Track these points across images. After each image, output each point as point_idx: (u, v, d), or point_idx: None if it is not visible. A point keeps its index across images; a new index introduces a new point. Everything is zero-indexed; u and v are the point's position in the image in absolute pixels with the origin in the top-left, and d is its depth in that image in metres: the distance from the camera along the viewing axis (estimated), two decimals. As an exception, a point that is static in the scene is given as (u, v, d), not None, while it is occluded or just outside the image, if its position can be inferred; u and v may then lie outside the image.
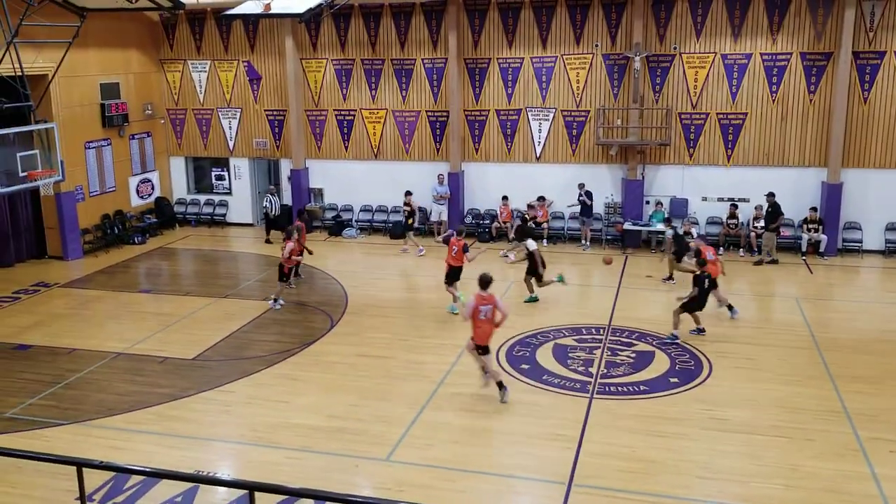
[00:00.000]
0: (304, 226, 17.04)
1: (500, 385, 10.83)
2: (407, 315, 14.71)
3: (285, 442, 9.96)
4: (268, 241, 20.44)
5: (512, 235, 18.97)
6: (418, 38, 20.52)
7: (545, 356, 12.51)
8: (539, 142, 20.12)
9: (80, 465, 4.69)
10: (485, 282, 10.64)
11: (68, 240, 19.07)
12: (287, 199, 22.17)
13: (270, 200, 20.61)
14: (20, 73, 15.06)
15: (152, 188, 22.45)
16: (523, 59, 19.84)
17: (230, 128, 22.42)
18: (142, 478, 8.82)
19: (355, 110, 21.33)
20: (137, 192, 21.88)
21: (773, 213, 17.92)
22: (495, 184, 20.52)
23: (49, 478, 8.82)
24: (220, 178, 23.06)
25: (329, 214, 21.93)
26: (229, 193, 22.94)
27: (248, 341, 13.50)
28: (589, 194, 19.24)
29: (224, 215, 22.86)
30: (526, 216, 17.99)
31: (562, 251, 19.20)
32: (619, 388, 11.31)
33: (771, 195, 17.99)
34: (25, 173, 15.13)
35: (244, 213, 22.82)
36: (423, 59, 20.55)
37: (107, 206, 20.62)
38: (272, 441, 9.99)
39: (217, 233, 22.00)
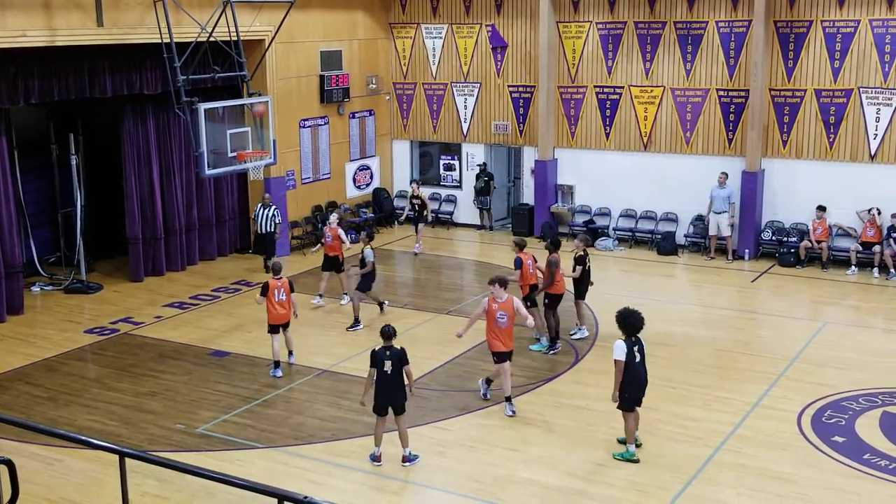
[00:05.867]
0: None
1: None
2: (676, 356, 14.40)
3: (512, 501, 10.11)
4: (265, 268, 18.87)
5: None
6: (711, -5, 20.07)
7: (869, 428, 11.84)
8: (875, 134, 18.87)
9: (280, 497, 5.03)
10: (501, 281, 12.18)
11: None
12: (529, 196, 22.56)
13: (259, 213, 19.20)
14: (235, 38, 16.67)
15: (371, 177, 23.85)
16: (859, 21, 18.69)
17: (465, 107, 23.26)
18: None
19: (622, 87, 21.24)
20: (354, 181, 23.35)
21: None
22: (808, 190, 19.56)
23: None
24: (449, 167, 23.98)
25: (580, 219, 22.01)
26: (459, 187, 23.79)
27: (472, 370, 13.88)
28: None
29: (451, 213, 23.73)
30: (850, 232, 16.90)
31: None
32: (978, 483, 10.35)
33: None
34: (234, 153, 16.72)
35: (475, 212, 23.54)
36: (717, 22, 20.02)
37: (319, 197, 22.23)
38: (496, 498, 10.18)
39: (441, 234, 22.83)
